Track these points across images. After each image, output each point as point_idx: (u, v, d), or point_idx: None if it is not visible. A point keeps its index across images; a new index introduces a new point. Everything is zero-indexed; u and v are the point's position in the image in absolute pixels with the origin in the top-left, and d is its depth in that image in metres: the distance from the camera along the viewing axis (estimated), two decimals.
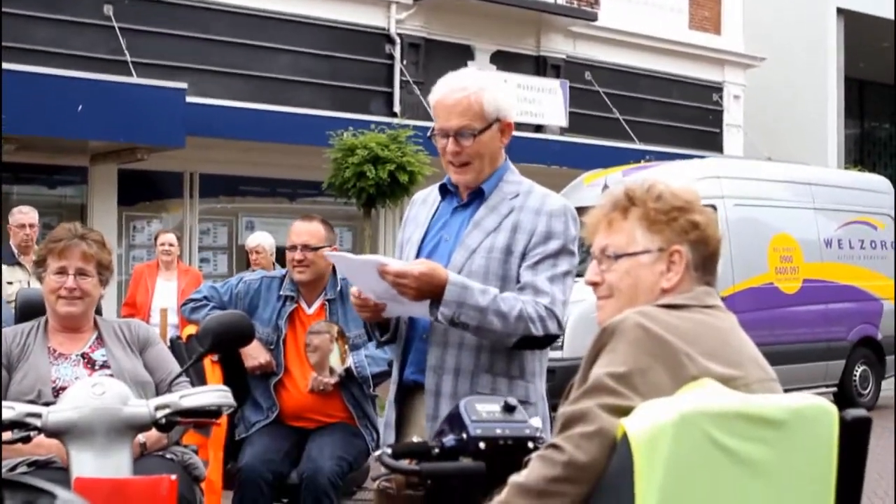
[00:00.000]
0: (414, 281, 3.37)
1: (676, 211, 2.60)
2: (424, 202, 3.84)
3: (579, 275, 3.64)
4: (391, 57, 19.01)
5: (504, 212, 3.62)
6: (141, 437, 3.79)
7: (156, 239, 11.24)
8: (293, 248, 5.29)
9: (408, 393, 3.70)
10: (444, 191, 3.78)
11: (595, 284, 2.70)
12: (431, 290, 3.39)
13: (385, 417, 3.76)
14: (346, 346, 5.13)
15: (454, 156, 3.59)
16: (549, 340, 3.54)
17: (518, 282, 3.54)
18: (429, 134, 3.71)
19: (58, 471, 3.55)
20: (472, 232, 3.61)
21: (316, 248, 5.26)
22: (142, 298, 10.62)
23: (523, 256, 3.56)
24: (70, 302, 4.08)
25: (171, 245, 10.77)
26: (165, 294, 10.51)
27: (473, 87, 3.59)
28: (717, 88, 24.10)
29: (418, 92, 18.46)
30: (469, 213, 3.67)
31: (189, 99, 14.51)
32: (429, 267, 3.42)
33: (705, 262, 2.60)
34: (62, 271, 4.07)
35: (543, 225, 3.58)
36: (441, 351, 3.55)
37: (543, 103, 19.52)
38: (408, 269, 3.41)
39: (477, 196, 3.68)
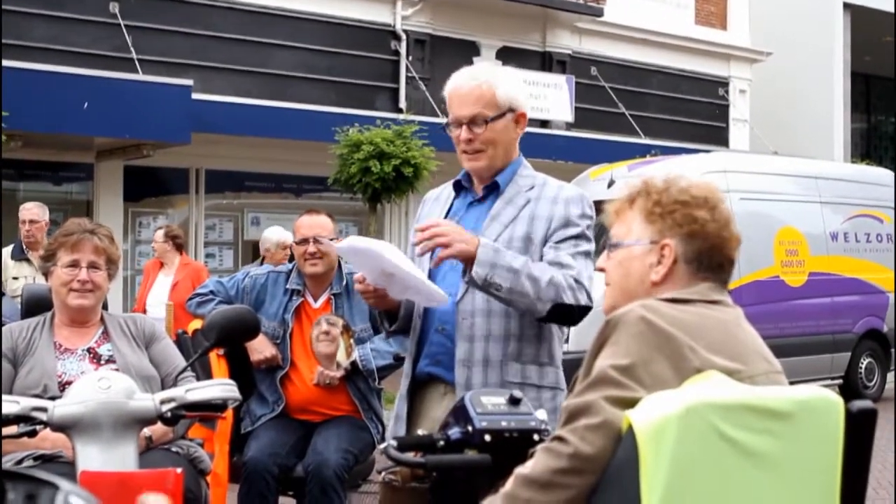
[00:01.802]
0: (444, 228, 3.37)
1: (677, 205, 2.59)
2: (437, 199, 3.85)
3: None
4: (397, 53, 19.01)
5: (521, 203, 3.64)
6: (147, 431, 3.80)
7: None
8: (304, 241, 5.29)
9: (421, 386, 3.70)
10: (459, 187, 3.80)
11: (602, 271, 2.74)
12: (465, 245, 3.36)
13: (395, 410, 3.75)
14: (352, 340, 5.15)
15: (467, 143, 3.61)
16: (581, 313, 3.52)
17: None
18: (444, 124, 3.73)
19: (64, 465, 3.56)
20: (490, 225, 3.62)
21: (329, 240, 5.29)
22: (141, 292, 10.76)
23: (544, 243, 3.57)
24: (82, 294, 4.10)
25: (154, 241, 10.98)
26: (161, 289, 10.58)
27: (486, 77, 3.65)
28: (724, 83, 24.08)
29: (424, 88, 18.47)
30: (486, 208, 3.68)
31: (194, 95, 14.53)
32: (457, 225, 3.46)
33: (700, 257, 2.58)
34: (74, 264, 4.09)
35: (561, 211, 3.60)
36: (468, 344, 3.55)
37: (549, 99, 19.53)
38: (435, 220, 3.44)
39: (492, 190, 3.70)
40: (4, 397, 3.39)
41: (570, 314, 3.50)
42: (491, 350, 3.54)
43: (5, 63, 11.06)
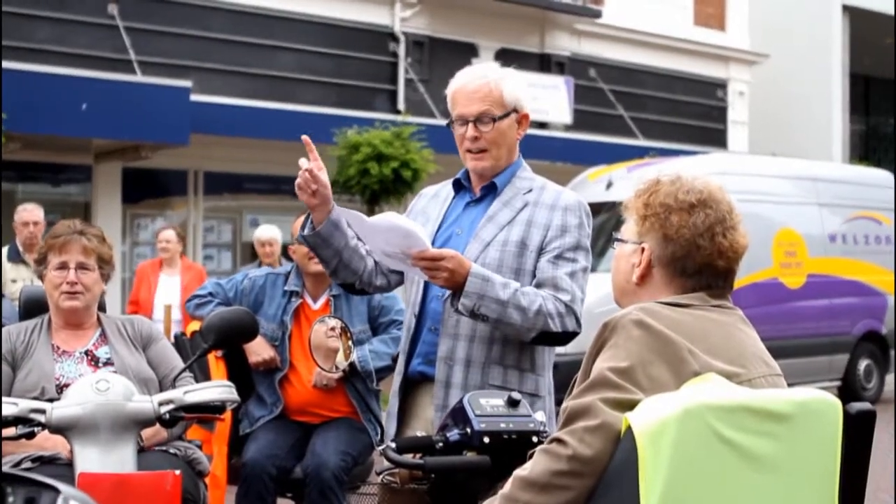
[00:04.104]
0: (450, 262, 3.37)
1: (661, 207, 2.59)
2: (435, 196, 3.85)
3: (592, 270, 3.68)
4: (395, 55, 19.02)
5: (518, 206, 3.64)
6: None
7: (157, 236, 11.28)
8: None
9: (413, 384, 3.70)
10: (458, 186, 3.80)
11: None
12: (459, 277, 3.39)
13: (388, 408, 3.76)
14: (350, 342, 5.13)
15: (473, 141, 3.62)
16: (567, 337, 3.53)
17: (533, 275, 3.55)
18: (447, 122, 3.72)
19: (62, 466, 3.56)
20: (486, 225, 3.62)
21: None
22: (145, 295, 10.63)
23: (540, 251, 3.57)
24: (72, 296, 4.08)
25: (167, 241, 10.80)
26: (168, 290, 10.52)
27: (494, 76, 3.67)
28: (722, 85, 24.10)
29: (422, 90, 18.47)
30: (482, 208, 3.68)
31: (193, 97, 14.54)
32: (457, 253, 3.44)
33: (675, 262, 2.57)
34: (63, 266, 4.08)
35: (559, 219, 3.60)
36: (452, 342, 3.56)
37: (548, 100, 19.53)
38: (443, 251, 3.42)
39: (490, 191, 3.70)
40: (3, 399, 3.38)
41: (557, 339, 3.53)
42: (474, 350, 3.54)
43: (4, 65, 11.06)
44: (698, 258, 2.56)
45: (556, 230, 3.58)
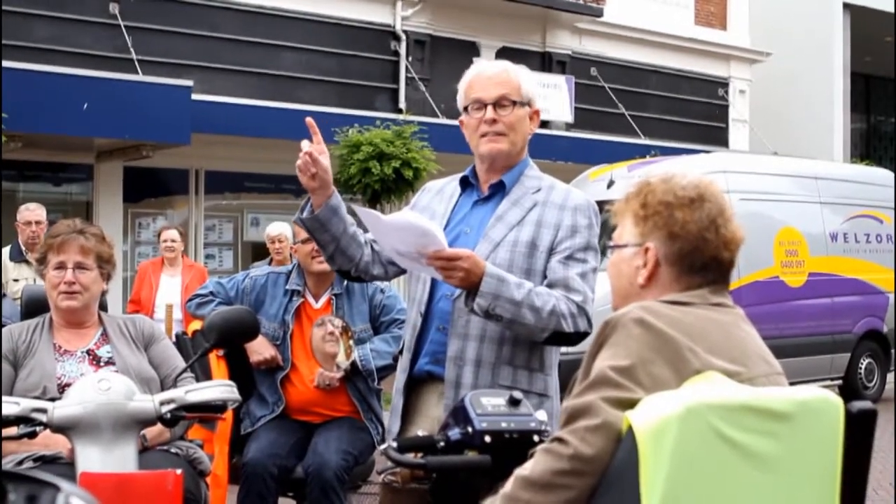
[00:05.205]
0: (466, 262, 3.35)
1: (661, 206, 2.58)
2: (440, 193, 3.82)
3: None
4: (397, 54, 19.02)
5: (527, 206, 3.63)
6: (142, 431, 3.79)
7: (159, 235, 11.25)
8: (310, 240, 5.27)
9: (418, 383, 3.68)
10: (464, 184, 3.78)
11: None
12: (474, 277, 3.37)
13: (391, 406, 3.75)
14: (351, 342, 5.15)
15: (491, 124, 3.61)
16: (579, 337, 3.53)
17: (544, 276, 3.54)
18: (462, 107, 3.70)
19: (64, 466, 3.56)
20: (495, 225, 3.61)
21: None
22: (146, 294, 10.61)
23: (550, 251, 3.56)
24: (69, 296, 4.08)
25: (173, 241, 10.78)
26: (170, 290, 10.51)
27: (512, 67, 3.72)
28: (723, 83, 24.08)
29: (424, 88, 18.47)
30: (491, 207, 3.66)
31: (194, 96, 14.53)
32: (473, 253, 3.42)
33: (683, 259, 2.56)
34: (61, 266, 4.08)
35: (569, 219, 3.59)
36: (462, 342, 3.54)
37: (549, 99, 19.51)
38: (459, 251, 3.39)
39: (498, 190, 3.68)
40: (4, 399, 3.39)
41: (568, 339, 3.52)
42: (485, 351, 3.53)
43: (5, 64, 11.07)
44: (706, 252, 2.56)
45: (566, 230, 3.58)
